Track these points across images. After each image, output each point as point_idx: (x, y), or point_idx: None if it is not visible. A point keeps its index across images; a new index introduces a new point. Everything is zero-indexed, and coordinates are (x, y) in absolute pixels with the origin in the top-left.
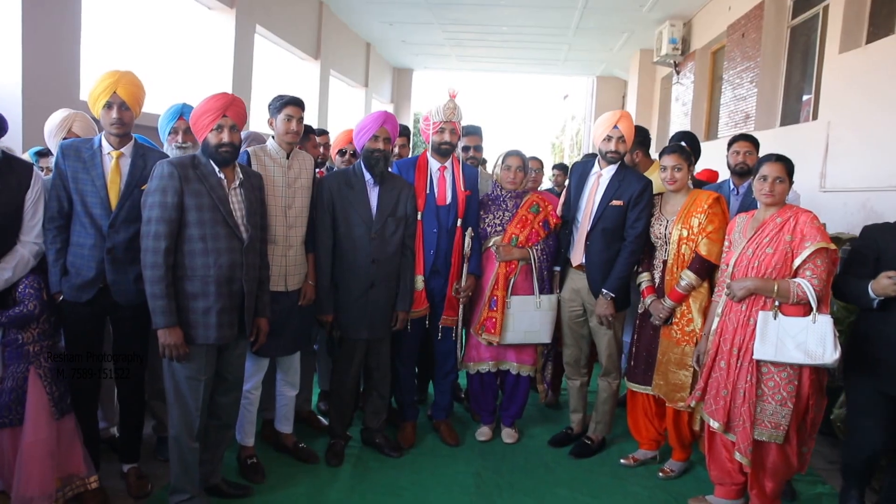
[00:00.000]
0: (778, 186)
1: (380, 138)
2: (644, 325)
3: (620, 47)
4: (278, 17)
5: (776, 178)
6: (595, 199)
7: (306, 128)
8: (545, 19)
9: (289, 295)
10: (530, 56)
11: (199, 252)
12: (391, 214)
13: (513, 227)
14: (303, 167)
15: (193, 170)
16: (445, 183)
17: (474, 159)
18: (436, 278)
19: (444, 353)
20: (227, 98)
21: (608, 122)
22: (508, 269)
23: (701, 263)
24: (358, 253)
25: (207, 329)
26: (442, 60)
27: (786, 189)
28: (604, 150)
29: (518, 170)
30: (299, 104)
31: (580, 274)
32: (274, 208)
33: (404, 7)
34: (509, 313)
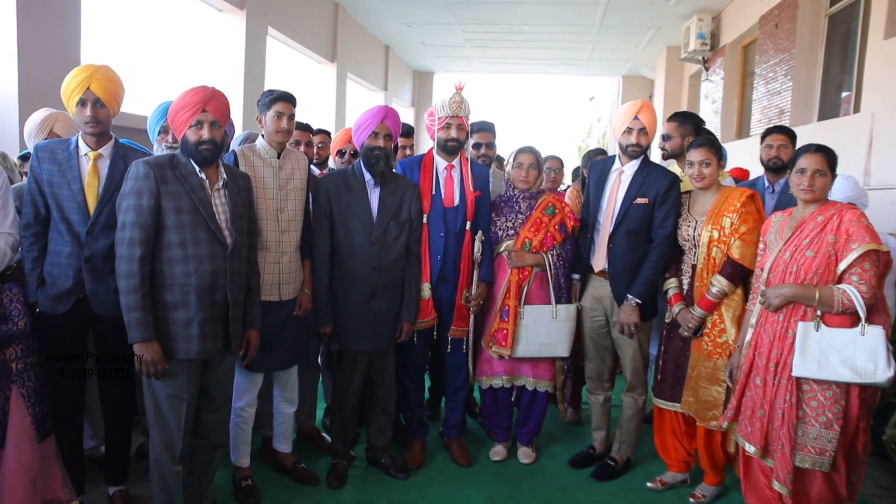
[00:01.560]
0: (818, 180)
1: (380, 135)
2: (672, 336)
3: (646, 45)
4: (292, 18)
5: (816, 170)
6: (617, 199)
7: (304, 126)
8: (567, 17)
9: (283, 305)
10: (554, 56)
11: (179, 259)
12: (394, 218)
13: (526, 231)
14: (296, 167)
15: (172, 170)
16: (453, 183)
17: (486, 157)
18: (444, 286)
19: (455, 367)
20: (207, 91)
21: (628, 112)
22: (521, 277)
23: (734, 268)
24: (357, 259)
25: (188, 342)
26: (463, 62)
27: (827, 183)
28: (624, 144)
29: (531, 168)
30: (291, 100)
31: (602, 281)
32: (265, 212)
33: (422, 7)
34: (522, 324)
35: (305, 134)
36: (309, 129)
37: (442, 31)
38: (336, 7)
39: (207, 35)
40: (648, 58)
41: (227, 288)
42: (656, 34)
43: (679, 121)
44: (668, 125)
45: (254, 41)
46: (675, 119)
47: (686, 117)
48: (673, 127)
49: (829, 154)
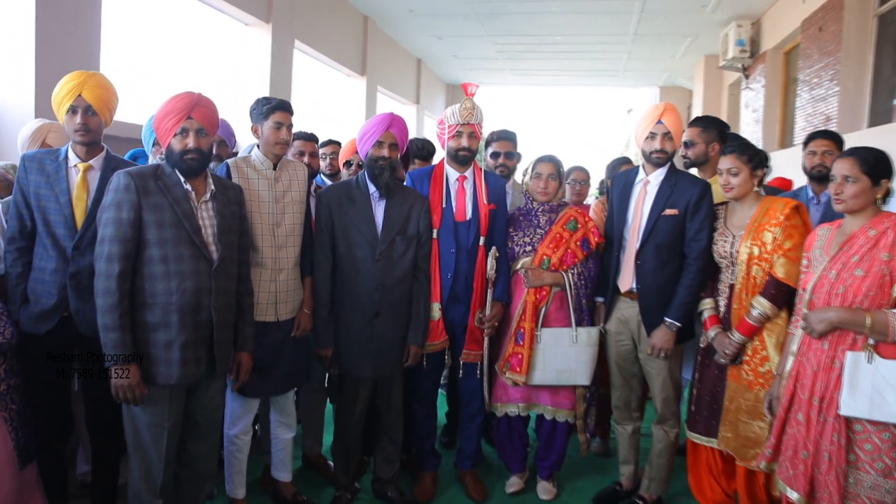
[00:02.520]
0: (849, 187)
1: (385, 144)
2: (707, 364)
3: (683, 54)
4: (320, 32)
5: (844, 176)
6: (643, 211)
7: (308, 135)
8: (601, 26)
9: (280, 326)
10: (587, 67)
11: (160, 276)
12: (400, 232)
13: (544, 247)
14: (293, 178)
15: (155, 181)
16: (465, 195)
17: (504, 168)
18: (455, 306)
19: (469, 393)
20: (193, 97)
21: (650, 116)
22: (538, 297)
23: (777, 288)
24: (360, 277)
25: (169, 366)
26: (496, 75)
27: (862, 191)
28: (648, 151)
29: (550, 178)
30: (289, 109)
31: (630, 302)
32: (260, 227)
33: (452, 20)
34: (539, 348)
35: (310, 144)
36: (313, 139)
37: (473, 44)
38: (365, 20)
39: (234, 49)
40: (686, 67)
41: (213, 307)
42: (693, 42)
43: (702, 126)
44: (691, 131)
45: (280, 54)
46: (698, 124)
47: (709, 122)
48: (696, 132)
49: (863, 157)
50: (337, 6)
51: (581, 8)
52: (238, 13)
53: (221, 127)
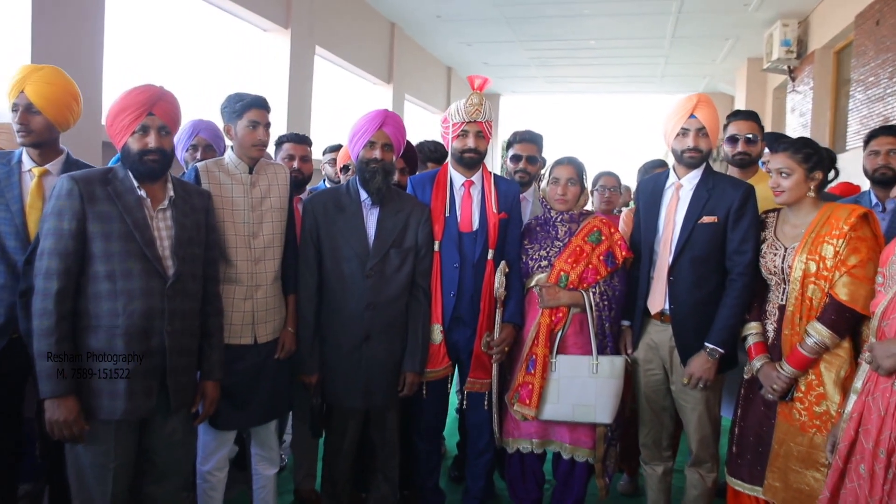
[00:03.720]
0: None
1: (377, 145)
2: (751, 398)
3: (724, 57)
4: (343, 38)
5: None
6: (676, 220)
7: (298, 137)
8: (636, 29)
9: (258, 349)
10: (623, 73)
11: (105, 295)
12: (395, 244)
13: (562, 262)
14: (272, 183)
15: (104, 186)
16: (472, 202)
17: (525, 173)
18: (459, 328)
19: (477, 427)
20: (153, 91)
21: (681, 110)
22: (554, 319)
23: (838, 313)
24: (348, 295)
25: (113, 399)
26: (528, 83)
27: None
28: (679, 150)
29: (570, 183)
30: (265, 106)
31: (661, 325)
32: (234, 238)
33: (481, 25)
34: (553, 378)
35: (300, 147)
36: (305, 142)
37: (504, 50)
38: (392, 27)
39: (252, 55)
40: (727, 71)
41: (166, 331)
42: (735, 45)
43: (757, 120)
44: (749, 125)
45: (299, 60)
46: (752, 118)
47: (749, 115)
48: (756, 127)
49: None
50: (361, 12)
51: (615, 10)
52: (256, 19)
53: (210, 130)
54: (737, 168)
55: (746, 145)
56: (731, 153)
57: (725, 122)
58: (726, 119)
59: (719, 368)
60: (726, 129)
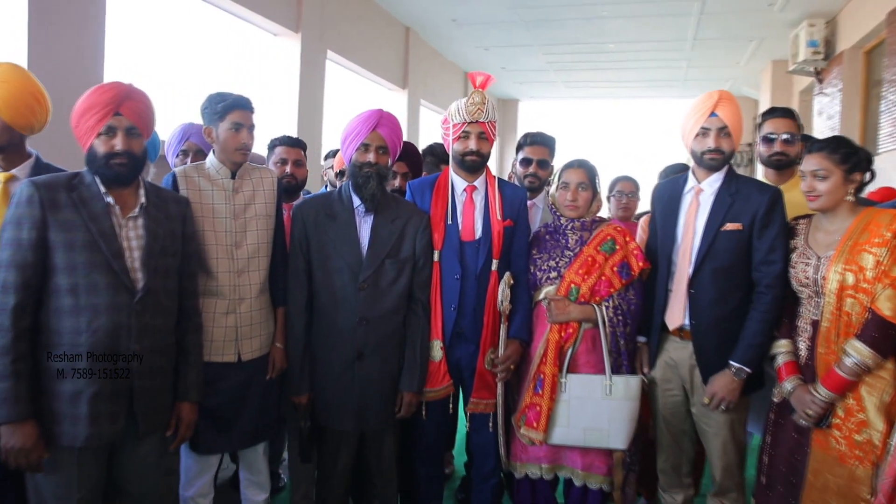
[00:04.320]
0: None
1: (371, 147)
2: (782, 424)
3: (748, 59)
4: (355, 43)
5: None
6: (696, 227)
7: (292, 140)
8: (657, 31)
9: (243, 367)
10: (644, 77)
11: (68, 310)
12: (391, 255)
13: (573, 273)
14: (257, 189)
15: (68, 192)
16: (474, 209)
17: (535, 178)
18: (462, 344)
19: (481, 450)
20: (121, 89)
21: (702, 108)
22: (564, 336)
23: (882, 330)
24: (339, 309)
25: (75, 424)
26: (548, 88)
27: None
28: (699, 151)
29: (580, 188)
30: (248, 107)
31: (681, 342)
32: (215, 248)
33: (497, 29)
34: (562, 400)
35: (294, 150)
36: (299, 145)
37: (522, 55)
38: (407, 31)
39: (262, 60)
40: (751, 74)
41: (133, 350)
42: (759, 46)
43: (795, 118)
44: (787, 123)
45: (310, 65)
46: (790, 115)
47: (786, 113)
48: (794, 125)
49: None
50: (375, 16)
51: (634, 11)
52: (266, 23)
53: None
54: (773, 170)
55: (784, 145)
56: (767, 154)
57: (760, 120)
58: (761, 117)
59: (745, 389)
60: (761, 129)
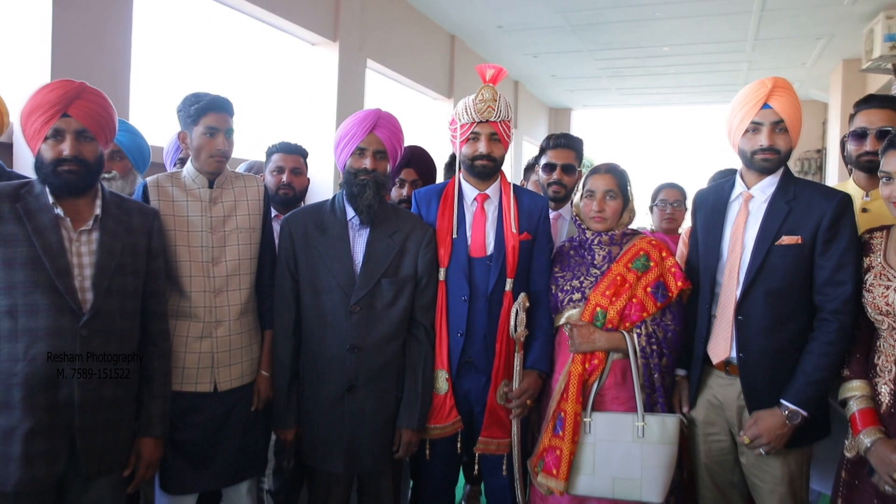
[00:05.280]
0: None
1: (367, 152)
2: (857, 487)
3: (816, 59)
4: (398, 52)
5: None
6: (745, 241)
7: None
8: (714, 32)
9: (221, 398)
10: (702, 82)
11: (5, 335)
12: (388, 273)
13: (599, 295)
14: (240, 199)
15: (12, 203)
16: (485, 221)
17: (560, 186)
18: (471, 375)
19: (495, 495)
20: (68, 88)
21: (752, 98)
22: (588, 367)
23: None
24: (328, 335)
25: (7, 464)
26: (601, 96)
27: None
28: (749, 150)
29: (608, 197)
30: (226, 109)
31: (727, 378)
32: (188, 265)
33: (545, 35)
34: (587, 443)
35: (292, 158)
36: (298, 152)
37: (572, 61)
38: (452, 39)
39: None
40: (819, 75)
41: (77, 381)
42: (828, 44)
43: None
44: (881, 114)
45: (348, 74)
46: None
47: (886, 102)
48: (893, 117)
49: None
50: (417, 25)
51: (689, 11)
52: (304, 33)
53: None
54: (863, 172)
55: (878, 142)
56: (856, 153)
57: (853, 111)
58: (853, 108)
59: (803, 437)
60: (852, 121)
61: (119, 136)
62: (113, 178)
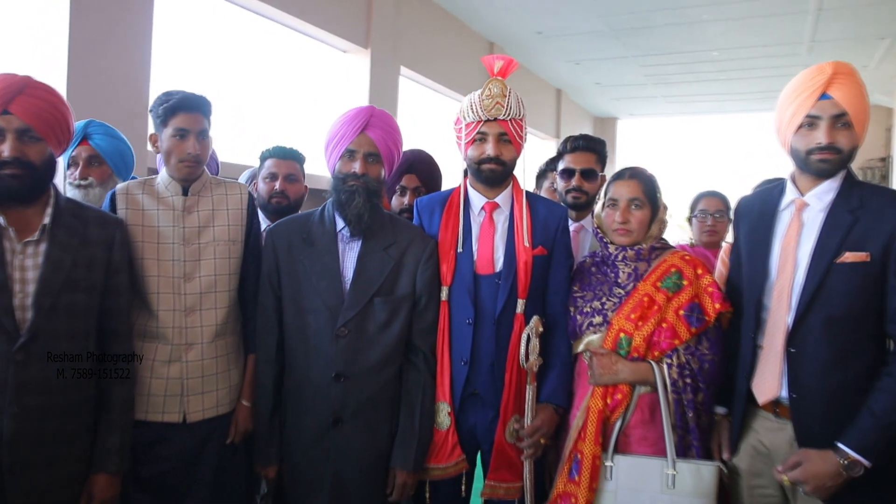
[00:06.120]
0: None
1: (358, 154)
2: None
3: (879, 61)
4: (433, 59)
5: None
6: (798, 257)
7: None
8: (767, 34)
9: (191, 430)
10: (755, 88)
11: None
12: (382, 292)
13: (623, 318)
14: (218, 208)
15: None
16: (494, 233)
17: (580, 193)
18: (477, 409)
19: None
20: (10, 82)
21: (808, 87)
22: (610, 403)
23: None
24: (312, 361)
25: None
26: (647, 104)
27: None
28: (803, 150)
29: (634, 206)
30: (199, 108)
31: (776, 422)
32: (156, 280)
33: (588, 40)
34: (607, 489)
35: (286, 163)
36: (292, 157)
37: (616, 68)
38: (490, 47)
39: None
40: (884, 79)
41: (8, 413)
42: (893, 45)
43: None
44: None
45: (381, 82)
46: None
47: None
48: None
49: None
50: (454, 31)
51: (739, 12)
52: (335, 40)
53: None
54: None
55: None
56: None
57: None
58: None
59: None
60: None
61: (98, 140)
62: (90, 186)
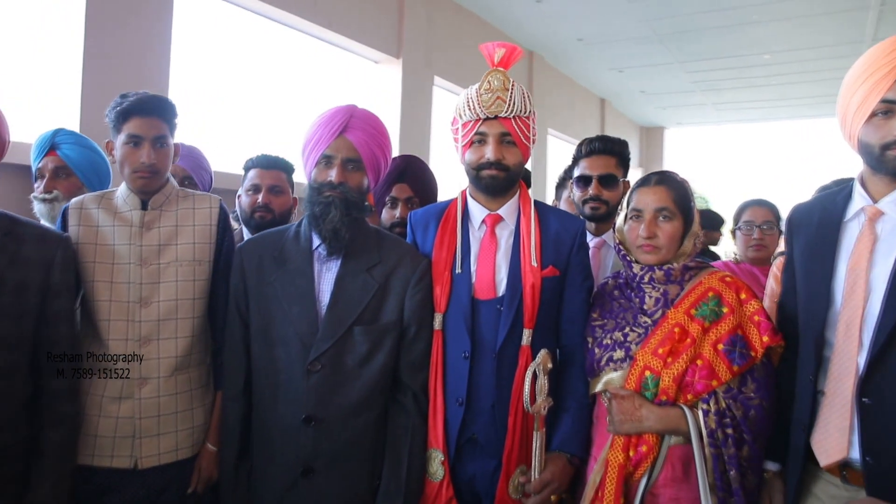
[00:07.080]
0: None
1: (335, 161)
2: None
3: None
4: (468, 69)
5: None
6: (871, 281)
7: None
8: (823, 34)
9: (143, 477)
10: (811, 93)
11: None
12: (363, 320)
13: (648, 354)
14: (183, 224)
15: None
16: (496, 251)
17: (599, 202)
18: (476, 457)
19: None
20: None
21: (882, 64)
22: (633, 456)
23: None
24: (280, 399)
25: None
26: (696, 112)
27: None
28: (877, 144)
29: (663, 218)
30: (156, 111)
31: (844, 488)
32: (108, 306)
33: (630, 46)
34: None
35: (271, 174)
36: (279, 167)
37: (662, 74)
38: (530, 56)
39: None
40: None
41: None
42: None
43: None
44: None
45: (413, 91)
46: None
47: None
48: None
49: None
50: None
51: (792, 11)
52: (366, 51)
53: (190, 157)
54: None
55: None
56: None
57: None
58: None
59: None
60: None
61: (66, 150)
62: (55, 200)
